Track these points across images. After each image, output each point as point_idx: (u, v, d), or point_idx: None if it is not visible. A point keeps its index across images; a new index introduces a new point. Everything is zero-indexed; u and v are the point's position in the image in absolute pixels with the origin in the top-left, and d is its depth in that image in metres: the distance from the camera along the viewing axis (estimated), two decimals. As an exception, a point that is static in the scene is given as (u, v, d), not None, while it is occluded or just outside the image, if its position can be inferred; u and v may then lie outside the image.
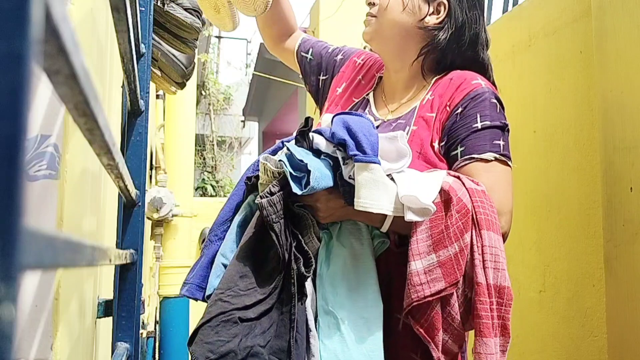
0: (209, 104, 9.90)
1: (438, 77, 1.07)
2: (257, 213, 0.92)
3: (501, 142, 0.97)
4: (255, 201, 0.91)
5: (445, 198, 0.86)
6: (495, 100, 1.00)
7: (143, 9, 1.07)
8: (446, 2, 1.06)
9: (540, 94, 1.80)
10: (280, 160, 0.88)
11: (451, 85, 1.02)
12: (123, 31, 0.71)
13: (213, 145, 10.05)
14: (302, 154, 0.87)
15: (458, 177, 0.91)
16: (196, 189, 9.09)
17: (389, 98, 1.13)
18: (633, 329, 1.25)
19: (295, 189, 0.85)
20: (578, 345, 1.58)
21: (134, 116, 1.03)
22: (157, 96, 3.64)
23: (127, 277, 0.98)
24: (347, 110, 1.10)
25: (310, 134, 0.90)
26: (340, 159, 0.87)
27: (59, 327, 0.77)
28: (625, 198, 1.27)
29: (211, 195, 9.16)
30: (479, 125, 0.97)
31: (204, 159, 9.94)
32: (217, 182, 9.82)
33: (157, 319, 3.37)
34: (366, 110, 1.12)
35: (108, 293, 1.09)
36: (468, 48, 1.07)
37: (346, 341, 0.85)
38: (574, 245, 1.62)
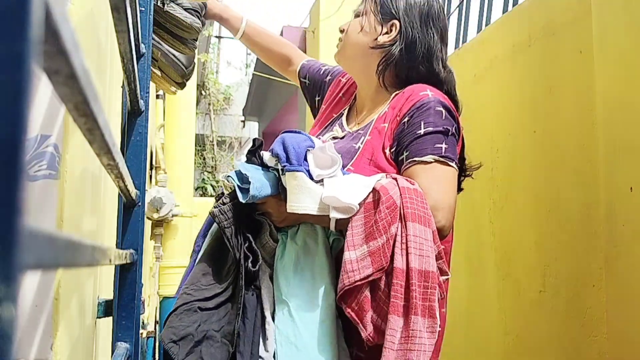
0: (209, 104, 9.89)
1: (397, 92, 1.19)
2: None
3: (443, 146, 1.07)
4: (209, 211, 1.08)
5: (377, 197, 0.97)
6: (440, 108, 1.10)
7: (143, 9, 1.07)
8: (397, 23, 1.19)
9: (540, 94, 1.80)
10: (228, 176, 1.05)
11: (402, 98, 1.14)
12: (123, 31, 0.71)
13: (213, 145, 10.05)
14: (248, 169, 1.03)
15: (395, 179, 1.01)
16: (196, 189, 9.09)
17: (359, 112, 1.27)
18: (633, 329, 1.25)
19: (241, 198, 1.01)
20: (578, 345, 1.58)
21: (134, 116, 1.03)
22: (157, 96, 3.64)
23: (127, 277, 0.98)
24: (325, 124, 1.32)
25: (261, 152, 1.06)
26: (280, 169, 1.02)
27: (59, 327, 0.77)
28: (625, 198, 1.27)
29: (211, 196, 9.16)
30: (422, 131, 1.08)
31: (204, 159, 9.94)
32: (217, 182, 9.82)
33: (157, 319, 3.37)
34: (337, 123, 1.28)
35: (108, 293, 1.09)
36: (421, 62, 1.19)
37: (297, 326, 0.97)
38: (574, 245, 1.62)
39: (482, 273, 2.09)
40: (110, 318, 1.01)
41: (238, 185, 1.02)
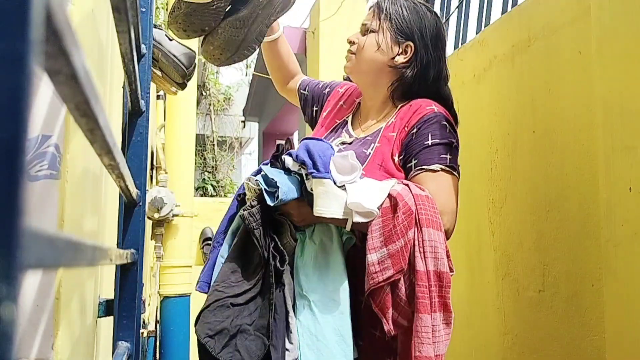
0: (210, 104, 9.89)
1: (402, 104, 1.28)
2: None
3: (448, 156, 1.18)
4: (239, 214, 1.17)
5: (394, 202, 1.06)
6: (445, 123, 1.21)
7: (144, 9, 1.07)
8: (413, 45, 1.26)
9: (540, 94, 1.80)
10: (257, 180, 1.12)
11: (410, 110, 1.24)
12: (124, 32, 0.71)
13: (213, 145, 10.04)
14: (274, 173, 1.10)
15: (407, 185, 1.10)
16: (197, 189, 9.09)
17: (363, 120, 1.36)
18: (632, 328, 1.25)
19: (269, 202, 1.09)
20: (577, 345, 1.58)
21: (134, 116, 1.03)
22: (158, 96, 3.64)
23: (128, 277, 0.98)
24: (329, 129, 1.40)
25: (283, 157, 1.13)
26: (304, 175, 1.10)
27: (60, 326, 0.77)
28: (625, 198, 1.27)
29: (212, 196, 9.16)
30: (429, 142, 1.18)
31: (205, 159, 9.93)
32: (217, 182, 9.82)
33: (158, 318, 3.37)
34: (344, 129, 1.36)
35: (109, 293, 1.09)
36: (432, 84, 1.28)
37: (317, 319, 1.07)
38: (573, 245, 1.62)
39: (481, 272, 2.09)
40: (111, 317, 1.01)
41: (265, 189, 1.10)
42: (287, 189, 1.08)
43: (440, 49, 1.29)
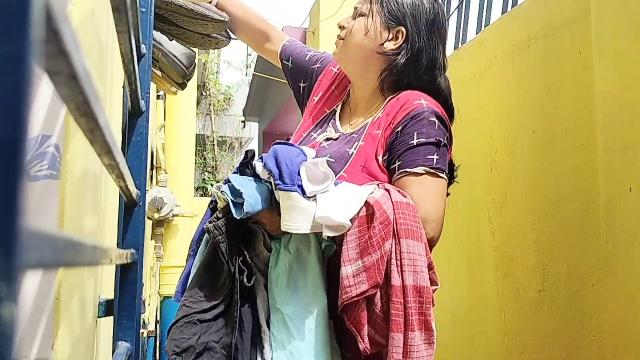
0: (210, 104, 9.89)
1: (391, 96, 1.17)
2: None
3: (434, 157, 1.08)
4: (204, 226, 1.10)
5: (371, 211, 0.98)
6: (434, 119, 1.09)
7: (144, 9, 1.07)
8: (404, 30, 1.16)
9: (540, 94, 1.80)
10: (223, 191, 1.06)
11: (397, 105, 1.13)
12: (124, 32, 0.71)
13: (213, 145, 10.05)
14: (242, 182, 1.05)
15: (388, 191, 1.02)
16: (197, 189, 9.09)
17: (352, 112, 1.25)
18: (632, 328, 1.25)
19: (235, 214, 1.02)
20: (577, 345, 1.58)
21: (134, 116, 1.03)
22: (158, 96, 3.64)
23: (128, 277, 0.98)
24: (316, 120, 1.28)
25: (254, 162, 1.07)
26: (273, 184, 1.03)
27: (60, 326, 0.77)
28: (625, 198, 1.27)
29: (211, 195, 9.15)
30: (414, 142, 1.08)
31: (205, 159, 9.93)
32: (217, 182, 9.78)
33: (158, 318, 3.37)
34: (331, 122, 1.25)
35: (109, 293, 1.09)
36: (425, 72, 1.17)
37: (292, 333, 1.00)
38: (573, 245, 1.62)
39: (481, 272, 2.09)
40: (111, 317, 1.01)
41: (232, 200, 1.03)
42: (254, 201, 1.02)
43: (437, 36, 1.17)
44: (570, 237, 1.63)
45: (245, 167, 1.09)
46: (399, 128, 1.09)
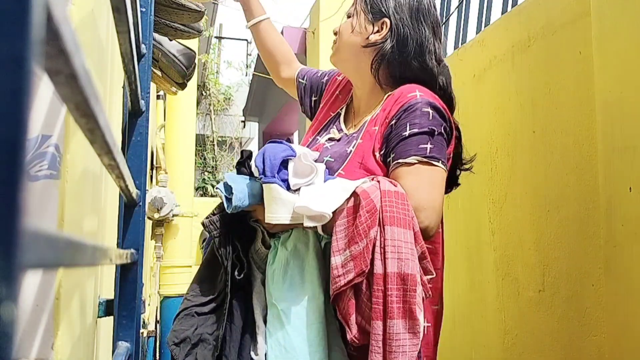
0: (210, 105, 9.89)
1: (390, 92, 1.19)
2: None
3: (428, 146, 1.08)
4: (201, 221, 1.16)
5: (359, 201, 0.99)
6: (427, 109, 1.11)
7: (144, 9, 1.07)
8: (388, 21, 1.21)
9: (540, 94, 1.80)
10: (217, 188, 1.11)
11: (392, 99, 1.15)
12: (124, 32, 0.71)
13: (213, 145, 10.05)
14: (236, 180, 1.08)
15: (379, 181, 1.03)
16: (197, 189, 9.09)
17: (356, 113, 1.29)
18: (632, 328, 1.25)
19: (226, 208, 1.07)
20: (577, 345, 1.58)
21: (134, 116, 1.03)
22: (158, 96, 3.64)
23: (128, 277, 0.98)
24: (322, 124, 1.34)
25: (250, 162, 1.10)
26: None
27: (59, 326, 0.77)
28: (625, 198, 1.27)
29: (212, 196, 9.15)
30: (407, 133, 1.09)
31: (205, 159, 9.94)
32: (217, 182, 9.81)
33: (158, 318, 3.37)
34: (335, 123, 1.30)
35: (109, 292, 1.09)
36: (414, 57, 1.19)
37: (286, 329, 1.02)
38: (573, 245, 1.62)
39: (481, 272, 2.09)
40: (111, 317, 1.01)
41: (225, 196, 1.08)
42: (242, 195, 1.05)
43: (423, 22, 1.21)
44: (570, 237, 1.63)
45: (242, 167, 1.13)
46: (393, 121, 1.12)
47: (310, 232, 1.07)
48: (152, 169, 3.43)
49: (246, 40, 10.86)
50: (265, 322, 1.06)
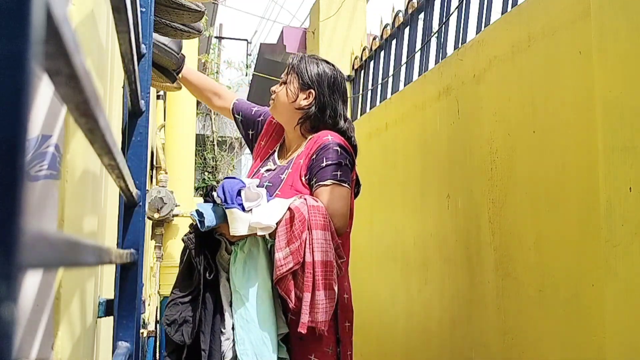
0: (210, 104, 9.87)
1: (310, 137, 1.67)
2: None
3: (338, 172, 1.58)
4: (182, 238, 1.62)
5: (293, 214, 1.47)
6: (337, 148, 1.60)
7: (144, 9, 1.07)
8: (313, 91, 1.69)
9: (540, 94, 1.80)
10: (191, 214, 1.55)
11: (312, 141, 1.64)
12: (124, 32, 0.71)
13: (213, 145, 10.05)
14: (205, 207, 1.52)
15: (305, 199, 1.49)
16: (197, 189, 9.09)
17: (287, 150, 1.77)
18: (632, 328, 1.25)
19: (199, 228, 1.49)
20: (577, 345, 1.58)
21: (134, 116, 1.03)
22: (158, 96, 3.64)
23: (128, 277, 0.98)
24: (263, 159, 1.81)
25: (213, 193, 1.53)
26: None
27: (60, 326, 0.77)
28: (625, 198, 1.27)
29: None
30: (324, 164, 1.58)
31: (205, 159, 9.94)
32: (217, 182, 9.81)
33: (158, 318, 3.37)
34: (271, 159, 1.77)
35: (109, 293, 1.09)
36: (329, 118, 1.69)
37: (247, 307, 1.47)
38: (573, 245, 1.62)
39: (481, 272, 2.09)
40: (111, 317, 1.01)
41: (198, 220, 1.50)
42: (211, 218, 1.49)
43: (337, 93, 1.70)
44: (570, 237, 1.63)
45: (208, 197, 1.56)
46: (314, 156, 1.59)
47: (260, 238, 1.52)
48: (152, 169, 3.43)
49: (246, 40, 10.85)
50: (230, 305, 1.50)
